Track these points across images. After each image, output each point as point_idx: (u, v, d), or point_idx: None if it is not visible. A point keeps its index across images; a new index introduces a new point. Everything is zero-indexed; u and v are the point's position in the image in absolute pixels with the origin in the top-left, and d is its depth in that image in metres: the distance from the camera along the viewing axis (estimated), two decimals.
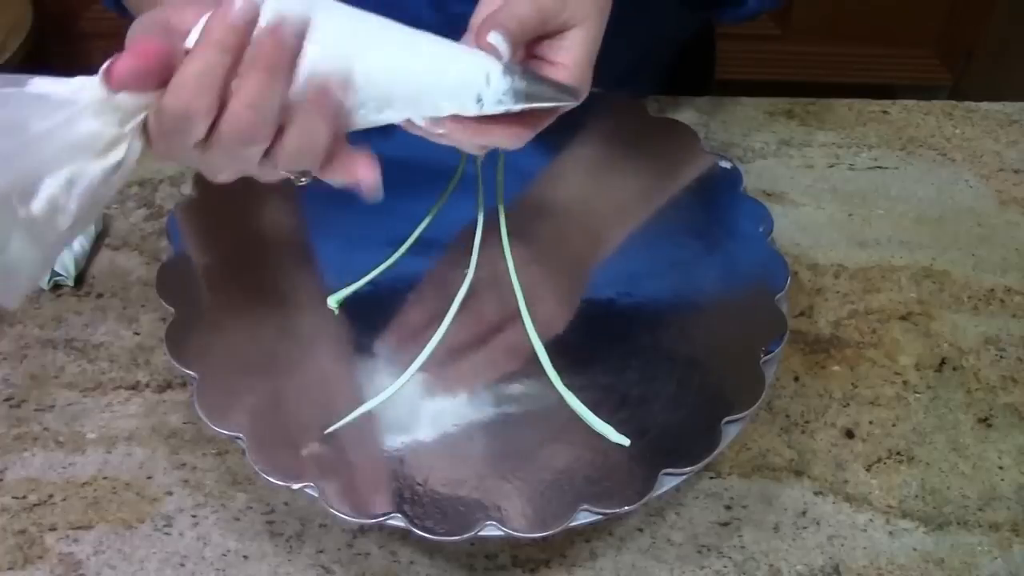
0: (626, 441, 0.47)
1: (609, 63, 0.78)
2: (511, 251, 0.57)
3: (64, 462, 0.54)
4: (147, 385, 0.58)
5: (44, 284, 0.62)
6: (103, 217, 0.66)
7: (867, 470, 0.55)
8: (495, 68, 0.45)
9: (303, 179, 0.44)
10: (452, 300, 0.53)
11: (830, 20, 1.67)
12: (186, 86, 0.39)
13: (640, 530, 0.52)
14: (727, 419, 0.49)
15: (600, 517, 0.45)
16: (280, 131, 0.41)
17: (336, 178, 0.44)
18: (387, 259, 0.56)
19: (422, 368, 0.50)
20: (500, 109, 0.45)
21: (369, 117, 0.44)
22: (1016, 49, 1.64)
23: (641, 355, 0.52)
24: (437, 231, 0.58)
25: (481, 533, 0.45)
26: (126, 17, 0.61)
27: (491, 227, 0.58)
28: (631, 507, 0.45)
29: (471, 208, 0.60)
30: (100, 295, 0.63)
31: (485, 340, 0.53)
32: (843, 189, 0.71)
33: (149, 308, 0.62)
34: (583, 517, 0.45)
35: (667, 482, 0.47)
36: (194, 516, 0.52)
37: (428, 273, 0.56)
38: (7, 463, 0.54)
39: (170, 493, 0.53)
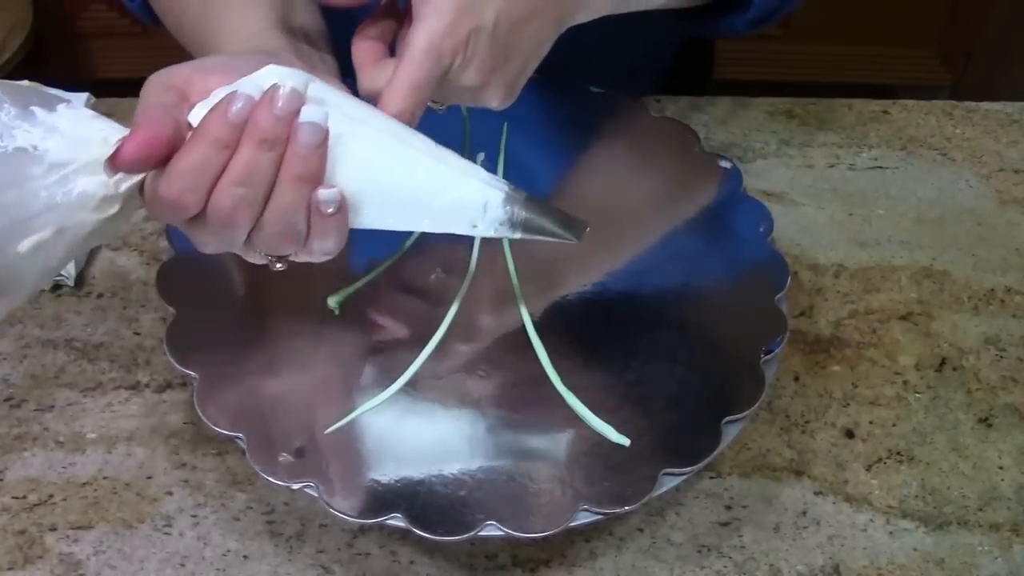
0: (626, 441, 0.47)
1: (609, 63, 0.78)
2: (511, 250, 0.57)
3: (64, 462, 0.54)
4: (147, 385, 0.58)
5: (45, 284, 0.62)
6: None
7: (867, 470, 0.55)
8: (495, 197, 0.43)
9: (278, 264, 0.45)
10: (452, 300, 0.53)
11: (830, 20, 1.67)
12: (179, 179, 0.40)
13: (640, 530, 0.52)
14: (727, 419, 0.49)
15: (600, 517, 0.45)
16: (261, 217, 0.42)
17: (309, 261, 0.45)
18: (387, 259, 0.56)
19: (422, 368, 0.50)
20: (496, 235, 0.44)
21: (354, 221, 0.43)
22: (1016, 49, 1.64)
23: (641, 355, 0.52)
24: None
25: (481, 533, 0.45)
26: (158, 28, 0.61)
27: None
28: (631, 507, 0.45)
29: None
30: (100, 295, 0.63)
31: (485, 340, 0.53)
32: (843, 189, 0.71)
33: (149, 308, 0.62)
34: (583, 517, 0.45)
35: (667, 482, 0.47)
36: (194, 516, 0.52)
37: (428, 273, 0.56)
38: (7, 463, 0.54)
39: (170, 493, 0.53)
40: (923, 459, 0.56)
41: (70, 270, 0.62)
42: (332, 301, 0.54)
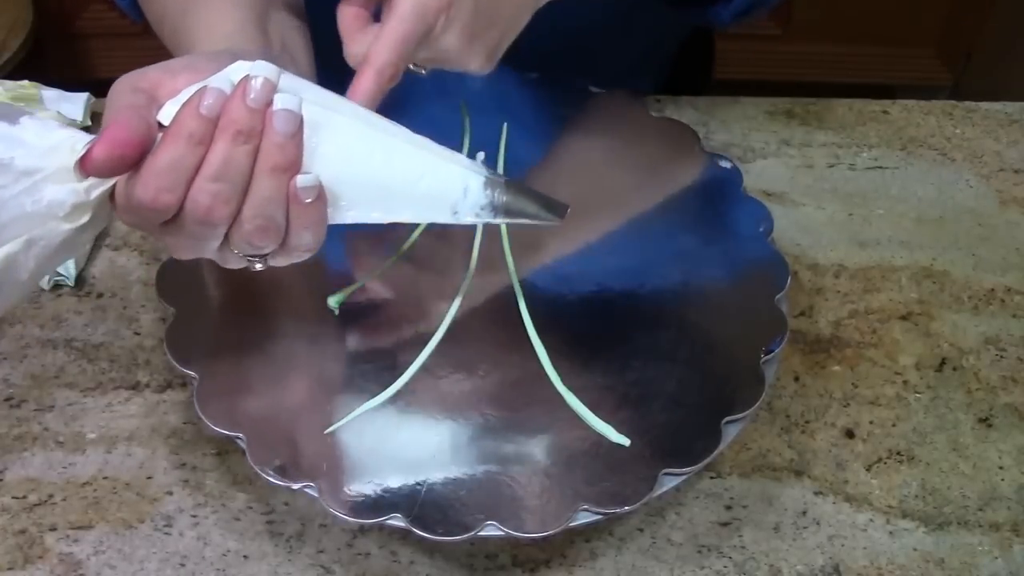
0: (626, 441, 0.47)
1: (609, 63, 0.78)
2: (511, 250, 0.57)
3: (64, 462, 0.54)
4: (147, 385, 0.58)
5: (44, 284, 0.62)
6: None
7: (867, 470, 0.55)
8: (475, 181, 0.43)
9: (258, 264, 0.44)
10: (452, 300, 0.53)
11: (830, 20, 1.67)
12: (154, 179, 0.40)
13: (640, 530, 0.52)
14: (727, 419, 0.49)
15: (600, 517, 0.45)
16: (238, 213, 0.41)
17: (287, 262, 0.44)
18: (387, 259, 0.56)
19: (422, 368, 0.50)
20: (477, 221, 0.44)
21: (334, 216, 0.43)
22: (1016, 49, 1.64)
23: (641, 355, 0.52)
24: (437, 229, 0.58)
25: (481, 533, 0.45)
26: (137, 23, 0.61)
27: (492, 226, 0.58)
28: (631, 507, 0.45)
29: None
30: (100, 295, 0.63)
31: (485, 340, 0.53)
32: (843, 189, 0.71)
33: (149, 308, 0.62)
34: (583, 517, 0.45)
35: (667, 482, 0.47)
36: (194, 516, 0.52)
37: (428, 273, 0.56)
38: (7, 463, 0.54)
39: (170, 493, 0.53)
40: (923, 459, 0.56)
41: (70, 270, 0.62)
42: (332, 301, 0.54)
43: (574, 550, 0.51)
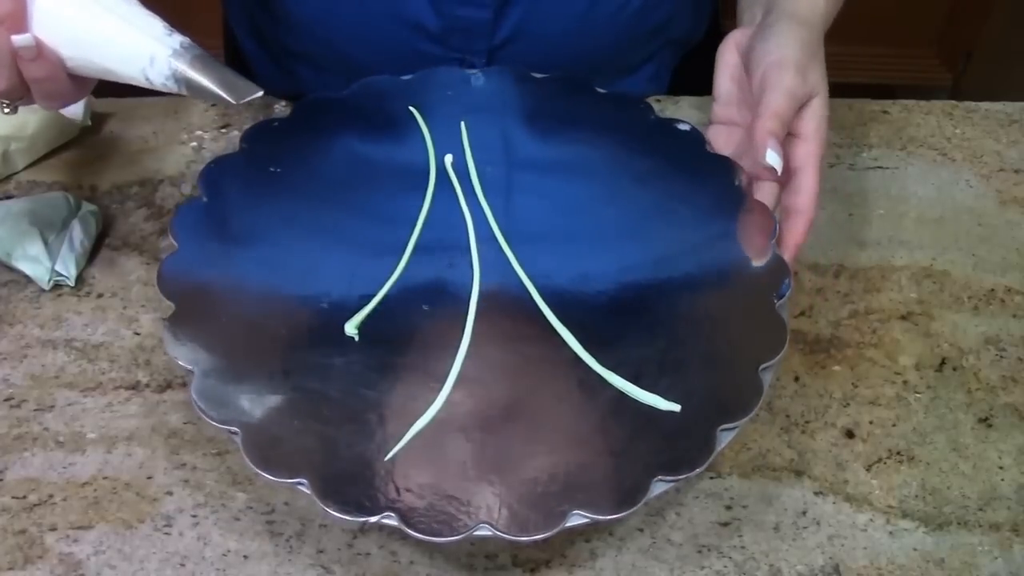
0: (677, 407, 0.48)
1: (613, 63, 0.78)
2: (512, 251, 0.57)
3: (64, 462, 0.54)
4: (147, 385, 0.58)
5: (44, 284, 0.62)
6: (103, 217, 0.66)
7: (867, 470, 0.55)
8: (162, 53, 0.49)
9: (6, 109, 0.52)
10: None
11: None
12: None
13: (640, 530, 0.52)
14: (724, 427, 0.48)
15: (599, 518, 0.45)
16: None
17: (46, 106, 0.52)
18: (386, 264, 0.56)
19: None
20: (168, 89, 0.50)
21: (70, 69, 0.50)
22: (1016, 49, 1.64)
23: (640, 355, 0.52)
24: (436, 232, 0.58)
25: (480, 533, 0.44)
26: None
27: (490, 227, 0.58)
28: (627, 512, 0.45)
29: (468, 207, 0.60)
30: (100, 295, 0.63)
31: (499, 344, 0.53)
32: (843, 189, 0.71)
33: (149, 308, 0.62)
34: (583, 517, 0.45)
35: (665, 483, 0.47)
36: (194, 516, 0.52)
37: (431, 278, 0.56)
38: (7, 463, 0.54)
39: (170, 493, 0.53)
40: (923, 459, 0.56)
41: (70, 269, 0.62)
42: (350, 327, 0.53)
43: (574, 550, 0.51)
